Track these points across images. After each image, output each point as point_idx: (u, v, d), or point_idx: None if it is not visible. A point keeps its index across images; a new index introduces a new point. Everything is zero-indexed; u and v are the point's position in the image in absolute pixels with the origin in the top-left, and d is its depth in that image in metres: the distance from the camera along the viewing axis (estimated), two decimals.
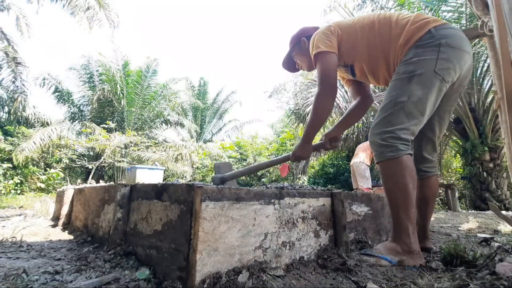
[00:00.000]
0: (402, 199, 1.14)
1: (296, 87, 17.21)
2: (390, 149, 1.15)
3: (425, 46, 1.18)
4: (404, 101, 1.16)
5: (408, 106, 1.15)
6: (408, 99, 1.16)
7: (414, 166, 1.20)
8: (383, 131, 1.18)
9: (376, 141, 1.20)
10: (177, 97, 12.54)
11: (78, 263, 1.02)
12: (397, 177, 1.15)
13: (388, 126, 1.17)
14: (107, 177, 9.66)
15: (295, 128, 9.37)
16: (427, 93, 1.16)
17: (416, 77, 1.15)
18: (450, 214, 4.59)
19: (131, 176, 5.03)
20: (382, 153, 1.17)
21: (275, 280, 0.88)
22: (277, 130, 19.60)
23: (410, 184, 1.14)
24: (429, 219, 1.46)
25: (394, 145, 1.14)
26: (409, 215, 1.14)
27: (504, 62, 1.46)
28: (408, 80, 1.16)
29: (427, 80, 1.15)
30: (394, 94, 1.19)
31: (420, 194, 1.39)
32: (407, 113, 1.16)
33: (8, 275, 0.89)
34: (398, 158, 1.14)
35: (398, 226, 1.17)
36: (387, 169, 1.18)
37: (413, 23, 1.24)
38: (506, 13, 1.27)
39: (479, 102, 6.63)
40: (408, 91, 1.16)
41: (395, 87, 1.21)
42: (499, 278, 0.88)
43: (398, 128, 1.15)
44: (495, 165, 6.37)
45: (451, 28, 1.21)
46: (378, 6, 6.88)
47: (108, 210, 1.37)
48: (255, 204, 0.98)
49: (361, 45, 1.35)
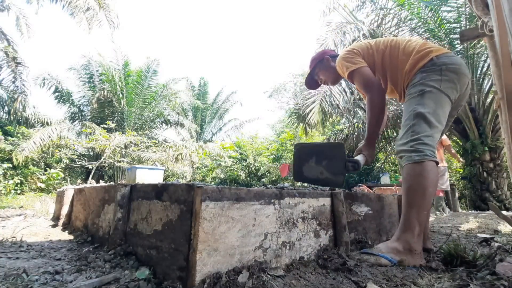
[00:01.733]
0: (420, 200, 1.20)
1: (296, 87, 17.26)
2: (418, 153, 1.24)
3: (429, 71, 1.35)
4: (423, 112, 1.29)
5: (427, 116, 1.28)
6: (425, 110, 1.29)
7: (437, 174, 1.28)
8: (410, 140, 1.28)
9: (404, 149, 1.29)
10: (177, 97, 12.54)
11: (78, 263, 1.02)
12: (420, 178, 1.21)
13: (414, 135, 1.28)
14: (107, 177, 9.66)
15: (295, 128, 9.37)
16: (439, 107, 1.31)
17: (427, 93, 1.32)
18: (450, 214, 4.59)
19: (131, 176, 5.03)
20: (410, 157, 1.26)
21: (275, 280, 0.88)
22: (277, 130, 19.61)
23: (430, 188, 1.21)
24: (427, 219, 1.50)
25: (422, 150, 1.24)
26: (421, 216, 1.20)
27: (504, 62, 1.46)
28: (421, 97, 1.32)
29: (437, 96, 1.31)
30: (412, 109, 1.33)
31: None
32: (428, 122, 1.28)
33: (8, 275, 0.89)
34: (425, 162, 1.22)
35: (406, 225, 1.20)
36: (412, 170, 1.24)
37: (417, 52, 1.42)
38: (506, 13, 1.27)
39: (479, 102, 6.63)
40: (423, 104, 1.31)
41: (410, 104, 1.36)
42: (499, 278, 0.88)
43: (423, 135, 1.27)
44: (495, 165, 6.37)
45: (451, 56, 1.38)
46: (377, 6, 6.87)
47: (108, 210, 1.37)
48: (255, 204, 0.98)
49: (378, 65, 1.55)
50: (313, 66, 1.88)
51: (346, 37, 6.57)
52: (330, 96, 5.96)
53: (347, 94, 6.21)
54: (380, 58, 1.53)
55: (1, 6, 8.58)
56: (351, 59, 1.53)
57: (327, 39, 6.70)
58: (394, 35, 7.04)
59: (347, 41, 6.74)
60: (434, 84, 1.32)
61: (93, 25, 7.96)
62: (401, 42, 1.51)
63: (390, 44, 1.53)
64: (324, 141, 9.19)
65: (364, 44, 1.61)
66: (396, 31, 7.00)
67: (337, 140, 8.73)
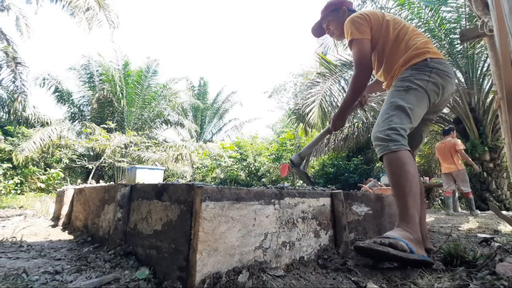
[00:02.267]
0: (410, 187, 1.22)
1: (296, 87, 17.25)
2: (395, 143, 1.27)
3: (419, 70, 1.40)
4: (404, 106, 1.34)
5: (408, 111, 1.34)
6: (407, 105, 1.35)
7: (415, 163, 1.33)
8: (386, 129, 1.32)
9: (380, 136, 1.32)
10: (177, 97, 12.55)
11: (78, 263, 1.02)
12: (405, 166, 1.24)
13: (391, 124, 1.32)
14: (107, 177, 9.66)
15: (295, 128, 9.38)
16: (419, 106, 1.38)
17: (412, 90, 1.37)
18: (450, 214, 4.59)
19: (131, 176, 5.04)
20: (387, 146, 1.29)
21: (275, 280, 0.88)
22: (277, 130, 19.61)
23: (416, 175, 1.25)
24: (424, 218, 1.52)
25: (398, 140, 1.28)
26: (417, 203, 1.22)
27: (504, 62, 1.46)
28: (406, 92, 1.38)
29: (420, 95, 1.37)
30: (394, 100, 1.38)
31: None
32: (407, 116, 1.34)
33: (8, 275, 0.89)
34: (402, 151, 1.26)
35: (406, 214, 1.20)
36: (394, 160, 1.27)
37: (416, 48, 1.45)
38: (506, 13, 1.27)
39: (479, 102, 6.63)
40: (406, 99, 1.36)
41: (394, 95, 1.41)
42: (499, 278, 0.88)
43: (400, 126, 1.31)
44: (495, 165, 6.37)
45: (444, 63, 1.43)
46: (378, 6, 6.87)
47: (108, 210, 1.37)
48: (255, 204, 0.98)
49: (380, 44, 1.56)
50: (326, 12, 1.81)
51: None
52: (330, 96, 5.97)
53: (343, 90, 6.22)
54: (384, 39, 1.53)
55: (1, 6, 8.57)
56: (359, 26, 1.51)
57: (327, 38, 6.70)
58: None
59: (347, 41, 6.73)
60: (421, 83, 1.37)
61: (93, 25, 7.96)
62: (409, 33, 1.51)
63: (400, 30, 1.52)
64: (324, 140, 9.18)
65: (378, 15, 1.57)
66: None
67: (337, 140, 8.73)
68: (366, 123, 8.34)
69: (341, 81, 6.37)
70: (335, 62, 7.04)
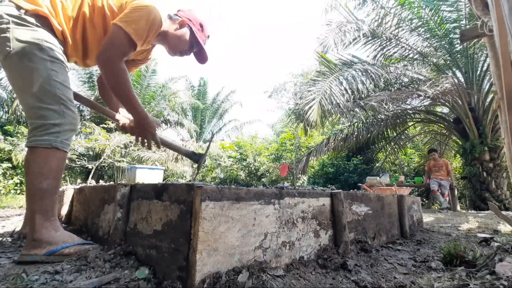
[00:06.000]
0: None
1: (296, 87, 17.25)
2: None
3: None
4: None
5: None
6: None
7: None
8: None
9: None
10: (176, 96, 12.54)
11: (78, 263, 1.02)
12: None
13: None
14: (107, 177, 9.65)
15: (295, 128, 9.37)
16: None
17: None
18: (450, 214, 4.59)
19: (131, 176, 5.03)
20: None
21: (275, 280, 0.88)
22: (277, 130, 19.62)
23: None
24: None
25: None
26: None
27: (504, 62, 1.46)
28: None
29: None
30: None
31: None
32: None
33: (8, 275, 0.89)
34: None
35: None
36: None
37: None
38: (506, 13, 1.27)
39: (479, 102, 6.63)
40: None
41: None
42: (499, 278, 0.88)
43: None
44: (495, 165, 6.37)
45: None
46: (378, 5, 6.87)
47: (108, 210, 1.37)
48: (255, 204, 0.98)
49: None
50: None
51: (347, 36, 6.56)
52: (330, 94, 5.96)
53: (347, 92, 6.22)
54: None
55: None
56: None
57: (327, 37, 6.69)
58: (394, 34, 7.03)
59: (347, 40, 6.74)
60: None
61: None
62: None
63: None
64: (324, 140, 9.19)
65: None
66: (396, 30, 7.00)
67: (336, 140, 8.73)
68: (366, 123, 8.34)
69: (341, 79, 6.36)
70: (335, 61, 7.04)
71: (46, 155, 1.10)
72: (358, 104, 6.72)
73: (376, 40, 7.17)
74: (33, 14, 1.15)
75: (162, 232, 0.97)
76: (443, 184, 6.15)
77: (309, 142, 11.51)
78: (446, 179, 6.23)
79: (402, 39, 7.15)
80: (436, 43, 6.92)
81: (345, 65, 7.02)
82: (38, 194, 1.09)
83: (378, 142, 9.23)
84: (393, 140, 9.19)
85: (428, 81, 6.29)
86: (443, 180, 6.20)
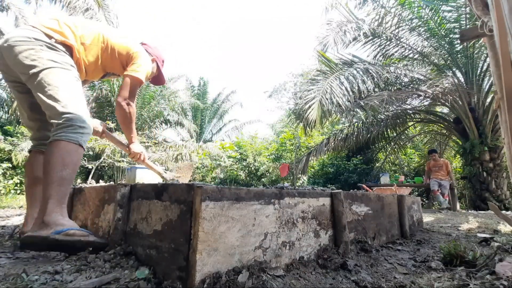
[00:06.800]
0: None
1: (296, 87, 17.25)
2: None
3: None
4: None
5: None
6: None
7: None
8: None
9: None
10: (176, 96, 12.54)
11: (78, 263, 1.02)
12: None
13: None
14: (107, 177, 9.65)
15: (295, 128, 9.37)
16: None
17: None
18: (450, 214, 4.59)
19: (131, 176, 5.02)
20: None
21: (275, 280, 0.88)
22: (277, 130, 19.61)
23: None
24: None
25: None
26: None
27: (504, 62, 1.46)
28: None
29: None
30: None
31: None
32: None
33: (8, 275, 0.89)
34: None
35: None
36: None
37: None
38: (506, 13, 1.27)
39: (479, 102, 6.63)
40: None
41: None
42: (499, 278, 0.88)
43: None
44: (495, 165, 6.37)
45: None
46: (378, 5, 6.86)
47: (108, 210, 1.37)
48: (255, 204, 0.98)
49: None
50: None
51: (347, 36, 6.55)
52: (331, 93, 5.95)
53: (348, 93, 6.21)
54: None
55: (1, 6, 8.56)
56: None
57: (327, 36, 6.69)
58: (394, 34, 7.03)
59: (347, 40, 6.73)
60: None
61: None
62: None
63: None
64: (324, 140, 9.18)
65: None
66: (396, 30, 7.00)
67: (336, 140, 8.73)
68: (366, 123, 8.34)
69: (341, 78, 6.35)
70: (335, 61, 7.03)
71: (71, 149, 1.28)
72: (358, 104, 6.71)
73: (376, 40, 7.16)
74: (61, 43, 1.44)
75: (162, 232, 0.97)
76: (443, 184, 6.18)
77: (309, 142, 11.51)
78: (446, 179, 6.28)
79: (402, 39, 7.15)
80: (436, 43, 6.91)
81: (345, 64, 7.01)
82: (57, 181, 1.22)
83: (378, 142, 9.23)
84: (393, 140, 9.18)
85: (428, 81, 6.29)
86: (443, 180, 6.24)
